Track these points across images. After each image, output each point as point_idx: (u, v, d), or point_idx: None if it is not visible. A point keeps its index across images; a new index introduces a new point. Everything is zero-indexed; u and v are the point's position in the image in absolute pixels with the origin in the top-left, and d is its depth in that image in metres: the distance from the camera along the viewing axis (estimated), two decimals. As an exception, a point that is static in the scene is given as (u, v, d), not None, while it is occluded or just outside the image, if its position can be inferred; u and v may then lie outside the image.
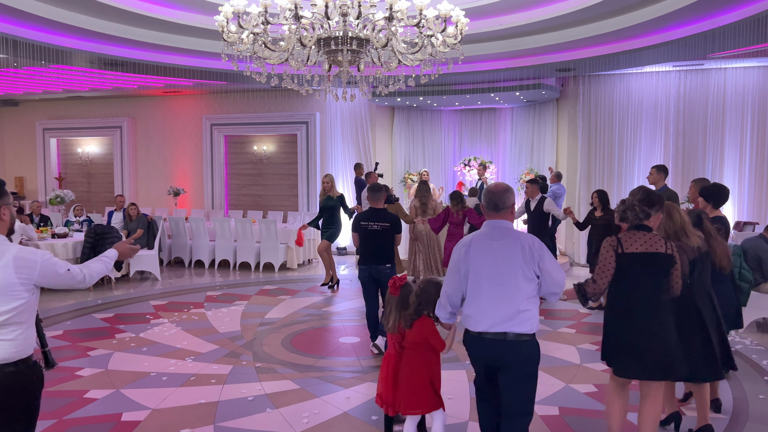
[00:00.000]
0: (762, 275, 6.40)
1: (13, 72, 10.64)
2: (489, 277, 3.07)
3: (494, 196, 3.17)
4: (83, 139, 14.71)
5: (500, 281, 3.05)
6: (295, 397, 4.66)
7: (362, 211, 5.88)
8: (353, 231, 5.76)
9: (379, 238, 5.59)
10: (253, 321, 7.01)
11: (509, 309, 3.02)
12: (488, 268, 3.08)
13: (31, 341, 2.61)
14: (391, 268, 5.63)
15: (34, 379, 2.59)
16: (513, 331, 3.02)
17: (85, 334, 6.46)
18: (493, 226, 3.17)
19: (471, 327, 3.13)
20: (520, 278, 3.04)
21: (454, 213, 8.52)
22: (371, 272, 5.59)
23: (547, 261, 3.09)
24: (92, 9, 7.26)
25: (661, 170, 6.82)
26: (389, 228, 5.60)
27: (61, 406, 4.46)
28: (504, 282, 3.05)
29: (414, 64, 5.43)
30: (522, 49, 8.80)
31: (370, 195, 5.79)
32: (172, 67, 9.69)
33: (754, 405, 4.52)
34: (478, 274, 3.09)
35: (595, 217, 7.67)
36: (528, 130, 12.40)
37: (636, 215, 3.43)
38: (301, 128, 12.85)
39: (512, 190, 3.24)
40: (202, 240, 10.82)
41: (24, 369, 2.54)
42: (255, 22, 4.97)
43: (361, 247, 5.70)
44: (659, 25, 7.60)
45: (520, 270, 3.05)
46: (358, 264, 5.71)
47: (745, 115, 10.58)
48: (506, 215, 3.19)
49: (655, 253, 3.35)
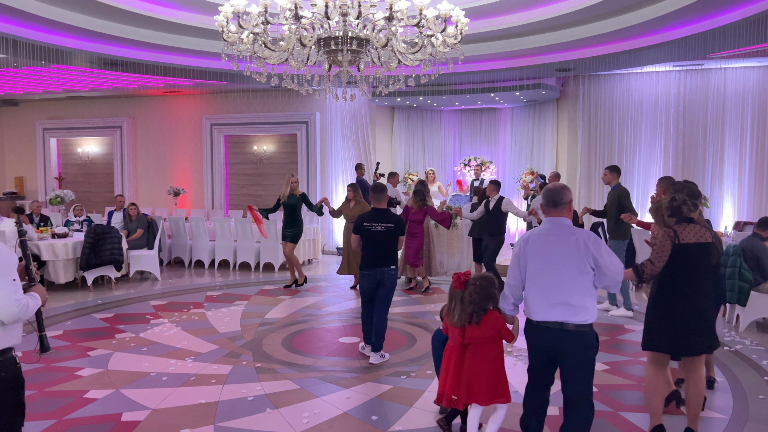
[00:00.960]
0: (762, 275, 6.39)
1: (13, 72, 10.65)
2: (546, 270, 3.28)
3: (553, 194, 3.38)
4: (83, 139, 14.71)
5: (556, 274, 3.26)
6: (295, 397, 4.66)
7: (365, 212, 5.76)
8: (354, 233, 5.53)
9: (384, 240, 5.45)
10: (253, 321, 7.01)
11: (566, 300, 3.22)
12: (545, 262, 3.29)
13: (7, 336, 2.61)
14: (395, 271, 5.51)
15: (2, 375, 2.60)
16: (571, 321, 3.22)
17: (85, 334, 6.46)
18: (551, 221, 3.38)
19: (531, 317, 3.35)
20: (575, 271, 3.24)
21: (415, 210, 8.56)
22: (375, 276, 5.42)
23: (604, 255, 3.26)
24: (92, 9, 7.26)
25: (614, 170, 7.32)
26: (394, 229, 5.47)
27: (61, 406, 4.46)
28: (560, 274, 3.25)
29: (414, 64, 5.43)
30: (522, 49, 8.80)
31: (372, 195, 5.66)
32: (172, 67, 9.69)
33: (754, 405, 4.52)
34: (536, 266, 3.31)
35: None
36: (528, 130, 12.40)
37: (689, 209, 3.83)
38: (301, 128, 12.85)
39: (569, 189, 3.46)
40: (202, 240, 10.82)
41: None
42: (255, 22, 4.97)
43: (364, 250, 5.50)
44: (659, 25, 7.60)
45: (574, 263, 3.24)
46: (361, 269, 5.50)
47: (745, 115, 10.59)
48: (564, 212, 3.39)
49: (706, 243, 3.78)
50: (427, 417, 4.31)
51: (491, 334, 3.66)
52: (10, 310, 2.55)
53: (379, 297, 5.48)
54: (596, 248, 3.23)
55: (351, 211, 8.71)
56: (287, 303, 7.97)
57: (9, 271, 2.58)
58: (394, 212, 8.40)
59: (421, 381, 5.04)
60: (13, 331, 2.63)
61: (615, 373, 5.19)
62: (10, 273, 2.59)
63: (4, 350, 2.59)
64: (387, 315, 5.55)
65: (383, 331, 5.53)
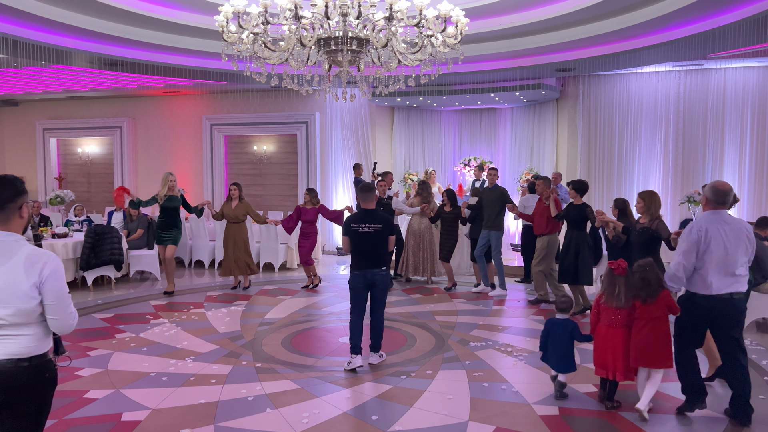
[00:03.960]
0: (761, 274, 6.39)
1: (13, 72, 10.65)
2: (722, 253, 4.07)
3: (722, 194, 4.16)
4: (83, 139, 14.71)
5: (729, 255, 4.07)
6: (295, 397, 4.66)
7: (352, 213, 5.76)
8: (344, 235, 5.47)
9: (373, 241, 5.36)
10: (253, 321, 7.01)
11: (736, 275, 4.12)
12: (722, 247, 4.07)
13: (46, 338, 2.61)
14: (387, 271, 5.47)
15: (46, 377, 2.60)
16: (738, 291, 4.14)
17: (85, 334, 6.46)
18: (722, 215, 4.16)
19: (705, 291, 4.12)
20: (741, 253, 4.11)
21: (309, 209, 8.61)
22: (366, 277, 5.37)
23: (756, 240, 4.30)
24: (92, 9, 7.26)
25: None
26: (382, 229, 5.38)
27: (61, 406, 4.46)
28: (732, 256, 4.08)
29: (414, 64, 5.43)
30: (522, 49, 8.80)
31: (360, 195, 5.53)
32: (172, 67, 9.68)
33: (754, 405, 4.51)
34: (714, 251, 4.05)
35: (445, 212, 8.87)
36: (528, 130, 12.40)
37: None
38: (301, 128, 12.84)
39: (733, 190, 4.25)
40: (202, 240, 10.82)
41: (38, 365, 2.55)
42: (255, 22, 4.96)
43: (353, 252, 5.43)
44: (659, 25, 7.60)
45: (742, 247, 4.11)
46: (351, 269, 5.47)
47: (745, 115, 10.58)
48: (727, 208, 4.22)
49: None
50: (427, 417, 4.31)
51: (663, 310, 4.27)
52: (68, 323, 2.58)
53: (374, 299, 5.47)
54: (751, 236, 4.15)
55: (233, 212, 8.61)
56: (287, 303, 7.97)
57: (66, 285, 2.60)
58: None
59: (421, 381, 5.04)
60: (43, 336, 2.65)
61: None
62: (66, 286, 2.60)
63: (45, 353, 2.61)
64: (383, 315, 5.56)
65: (381, 332, 5.55)
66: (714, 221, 4.11)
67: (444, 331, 6.57)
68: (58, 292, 2.52)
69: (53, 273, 2.50)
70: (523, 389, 4.85)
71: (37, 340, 2.55)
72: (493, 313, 7.42)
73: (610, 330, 4.38)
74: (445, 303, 7.96)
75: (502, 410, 4.42)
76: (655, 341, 4.24)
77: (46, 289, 2.48)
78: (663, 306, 4.27)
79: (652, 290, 4.25)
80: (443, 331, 6.57)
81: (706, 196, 4.24)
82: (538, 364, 5.39)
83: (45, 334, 2.58)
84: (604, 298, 4.44)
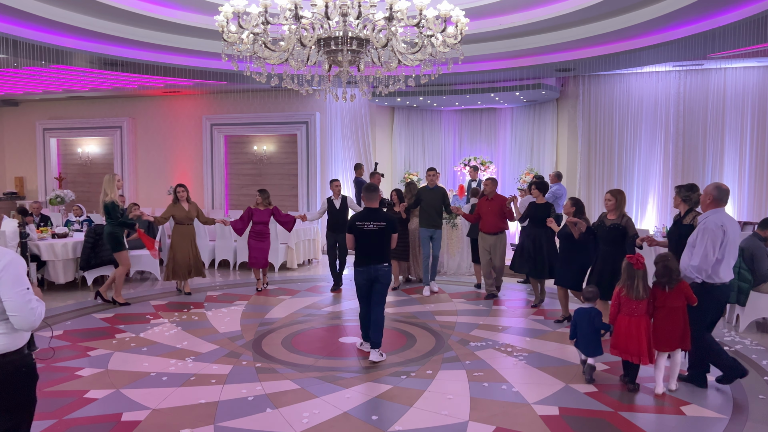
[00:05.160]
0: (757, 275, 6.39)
1: (13, 72, 10.65)
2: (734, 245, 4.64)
3: (726, 193, 4.72)
4: (83, 139, 14.71)
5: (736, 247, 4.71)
6: (295, 397, 4.66)
7: (357, 212, 5.87)
8: (348, 232, 5.70)
9: (376, 238, 5.59)
10: (253, 321, 7.01)
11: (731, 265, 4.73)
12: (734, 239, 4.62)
13: (18, 334, 2.64)
14: (389, 267, 5.66)
15: (23, 371, 2.64)
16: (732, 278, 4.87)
17: (85, 334, 6.46)
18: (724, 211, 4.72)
19: (722, 280, 4.67)
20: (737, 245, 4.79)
21: (262, 210, 8.54)
22: (369, 273, 5.59)
23: None
24: (92, 9, 7.25)
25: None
26: (385, 227, 5.61)
27: (61, 406, 4.46)
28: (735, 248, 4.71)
29: (414, 64, 5.43)
30: (522, 49, 8.80)
31: (365, 195, 5.78)
32: (172, 67, 9.69)
33: (754, 405, 4.52)
34: (731, 243, 4.59)
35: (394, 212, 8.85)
36: (528, 130, 12.40)
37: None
38: (301, 128, 12.84)
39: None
40: (202, 240, 10.80)
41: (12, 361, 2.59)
42: (255, 22, 4.96)
43: (357, 249, 5.67)
44: (659, 25, 7.60)
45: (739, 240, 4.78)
46: (355, 266, 5.67)
47: (745, 115, 10.59)
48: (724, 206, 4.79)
49: None
50: (427, 417, 4.31)
51: (682, 300, 4.64)
52: (29, 319, 2.60)
53: (375, 293, 5.65)
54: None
55: (188, 213, 8.34)
56: (287, 303, 7.97)
57: (24, 281, 2.61)
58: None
59: (421, 381, 5.04)
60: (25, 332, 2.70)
61: (615, 372, 5.19)
62: (25, 282, 2.61)
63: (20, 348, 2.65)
64: (384, 309, 5.73)
65: (381, 325, 5.66)
66: (725, 217, 4.65)
67: (444, 331, 6.57)
68: (13, 289, 2.54)
69: (6, 269, 2.52)
70: (523, 389, 4.85)
71: (8, 337, 2.58)
72: (493, 313, 7.42)
73: (633, 319, 4.72)
74: (446, 303, 7.97)
75: (502, 410, 4.43)
76: (676, 328, 4.66)
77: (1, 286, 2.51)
78: (682, 296, 4.66)
79: (673, 277, 4.62)
80: (443, 331, 6.57)
81: (712, 195, 4.68)
82: (538, 364, 5.39)
83: (16, 330, 2.61)
84: (625, 291, 4.75)
